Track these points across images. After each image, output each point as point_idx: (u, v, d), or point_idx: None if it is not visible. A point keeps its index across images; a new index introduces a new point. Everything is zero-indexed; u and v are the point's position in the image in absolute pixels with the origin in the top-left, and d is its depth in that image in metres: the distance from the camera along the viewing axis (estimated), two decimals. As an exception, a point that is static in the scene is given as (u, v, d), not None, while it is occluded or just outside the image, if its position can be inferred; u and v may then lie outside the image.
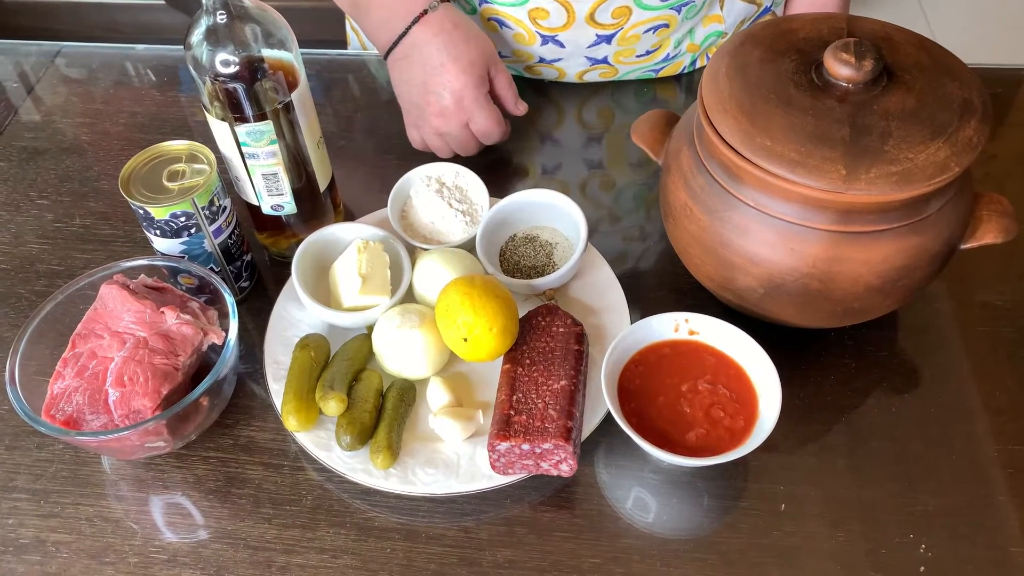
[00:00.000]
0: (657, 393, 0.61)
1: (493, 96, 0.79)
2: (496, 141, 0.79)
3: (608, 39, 0.84)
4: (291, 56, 0.64)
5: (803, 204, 0.56)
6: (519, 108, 0.81)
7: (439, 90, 0.74)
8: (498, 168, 0.84)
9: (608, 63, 0.87)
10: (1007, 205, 0.61)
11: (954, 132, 0.55)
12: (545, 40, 0.85)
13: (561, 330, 0.64)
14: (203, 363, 0.65)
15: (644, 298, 0.72)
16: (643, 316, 0.70)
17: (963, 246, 0.61)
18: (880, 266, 0.57)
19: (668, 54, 0.88)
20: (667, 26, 0.84)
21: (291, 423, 0.61)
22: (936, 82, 0.57)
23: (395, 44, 0.74)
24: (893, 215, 0.56)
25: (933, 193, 0.55)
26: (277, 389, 0.64)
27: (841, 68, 0.56)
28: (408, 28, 0.73)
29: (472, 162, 0.85)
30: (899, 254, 0.57)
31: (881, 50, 0.58)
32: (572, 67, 0.88)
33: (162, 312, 0.62)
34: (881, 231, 0.56)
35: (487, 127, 0.77)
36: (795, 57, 0.59)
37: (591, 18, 0.81)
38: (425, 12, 0.73)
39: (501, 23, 0.85)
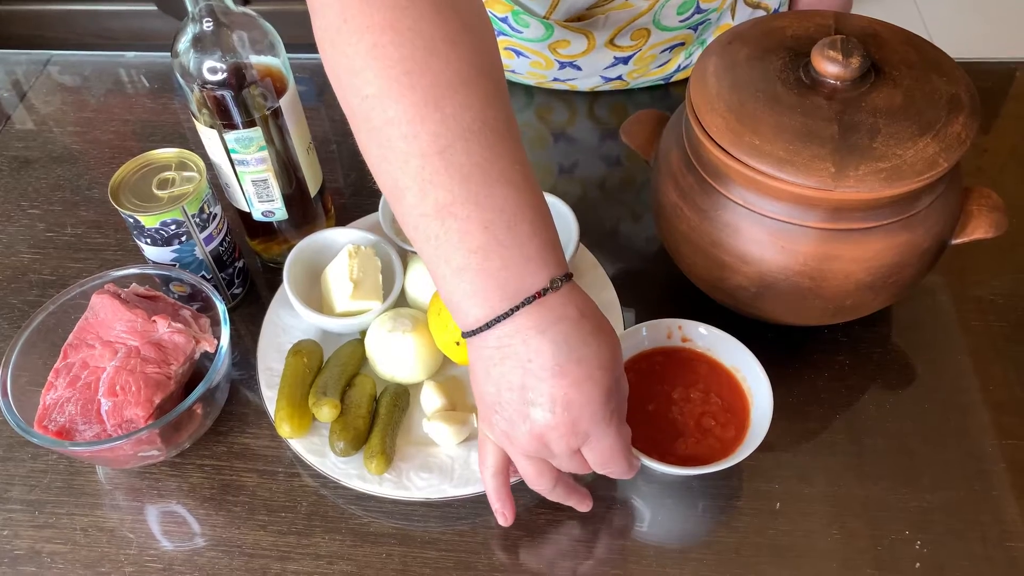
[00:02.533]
0: (648, 401, 0.60)
1: None
2: (619, 476, 0.54)
3: (625, 60, 0.84)
4: (279, 62, 0.64)
5: (792, 202, 0.56)
6: (632, 463, 0.54)
7: (544, 402, 0.48)
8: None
9: (622, 79, 0.88)
10: (997, 199, 0.61)
11: (942, 128, 0.55)
12: (563, 65, 0.85)
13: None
14: (196, 371, 0.65)
15: (637, 298, 0.71)
16: (636, 316, 0.70)
17: (954, 241, 0.61)
18: (871, 263, 0.57)
19: (679, 65, 0.88)
20: (683, 44, 0.84)
21: (285, 430, 0.61)
22: (924, 78, 0.57)
23: (487, 327, 0.47)
24: (883, 212, 0.56)
25: (922, 189, 0.55)
26: (271, 396, 0.64)
27: (828, 65, 0.56)
28: (512, 311, 0.47)
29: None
30: (889, 251, 0.57)
31: (868, 47, 0.58)
32: (585, 84, 0.89)
33: (154, 321, 0.62)
34: (871, 228, 0.56)
35: (608, 454, 0.51)
36: (783, 55, 0.59)
37: (611, 43, 0.82)
38: (543, 292, 0.47)
39: (518, 53, 0.85)
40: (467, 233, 0.46)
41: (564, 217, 0.71)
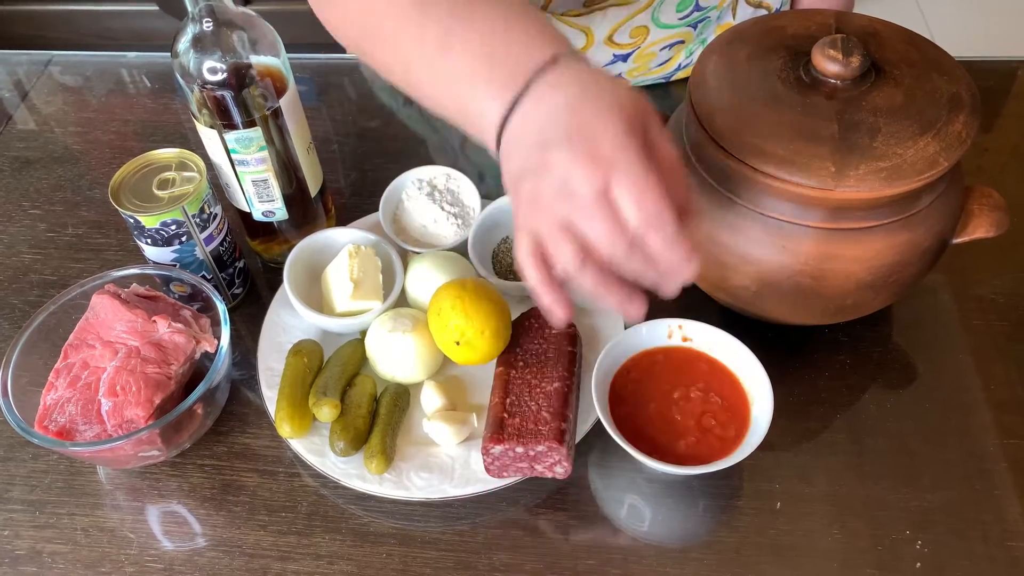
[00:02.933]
0: (648, 400, 0.60)
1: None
2: (663, 227, 0.43)
3: (624, 58, 0.84)
4: (279, 62, 0.64)
5: (793, 202, 0.56)
6: (688, 215, 0.47)
7: (561, 138, 0.44)
8: (491, 170, 0.84)
9: (622, 77, 0.87)
10: (998, 198, 0.61)
11: (943, 127, 0.55)
12: None
13: (554, 332, 0.63)
14: (197, 371, 0.65)
15: (637, 298, 0.71)
16: (636, 316, 0.70)
17: (955, 240, 0.61)
18: (871, 262, 0.57)
19: (680, 64, 0.88)
20: (683, 43, 0.84)
21: (285, 430, 0.61)
22: (924, 77, 0.57)
23: (510, 112, 0.46)
24: (883, 211, 0.55)
25: (923, 188, 0.55)
26: (271, 396, 0.64)
27: (829, 65, 0.56)
28: (527, 86, 0.46)
29: (464, 164, 0.85)
30: (890, 250, 0.57)
31: (869, 46, 0.58)
32: None
33: (154, 321, 0.62)
34: (871, 227, 0.56)
35: (642, 187, 0.43)
36: (783, 54, 0.59)
37: (609, 39, 0.82)
38: (556, 59, 0.46)
39: None
40: (468, 52, 0.49)
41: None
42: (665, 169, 0.45)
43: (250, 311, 0.73)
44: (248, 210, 0.70)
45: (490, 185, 0.82)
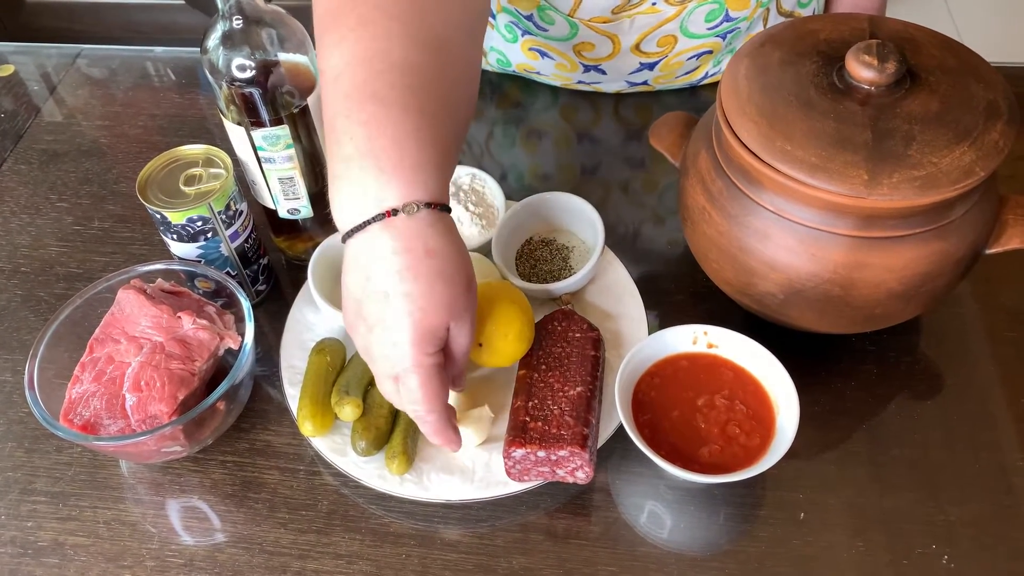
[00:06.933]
0: (672, 407, 0.60)
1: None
2: (426, 423, 0.53)
3: (651, 66, 0.84)
4: (307, 60, 0.64)
5: (824, 209, 0.55)
6: (458, 384, 0.57)
7: (372, 323, 0.50)
8: (515, 171, 0.84)
9: (647, 84, 0.87)
10: (1034, 209, 0.60)
11: (979, 135, 0.54)
12: (587, 69, 0.85)
13: (577, 335, 0.63)
14: (220, 367, 0.65)
15: (662, 302, 0.71)
16: (661, 320, 0.69)
17: (988, 251, 0.60)
18: (903, 272, 0.56)
19: (707, 73, 0.87)
20: (711, 52, 0.83)
21: (307, 428, 0.61)
22: (961, 84, 0.56)
23: (348, 236, 0.50)
24: (916, 220, 0.55)
25: (957, 198, 0.54)
26: (293, 394, 0.64)
27: (863, 70, 0.55)
28: (365, 224, 0.48)
29: (490, 164, 0.84)
30: (922, 260, 0.56)
31: (904, 52, 0.57)
32: (610, 88, 0.88)
33: (179, 317, 0.62)
34: (904, 236, 0.55)
35: (410, 398, 0.51)
36: (816, 59, 0.58)
37: (636, 48, 0.81)
38: (395, 212, 0.47)
39: (543, 53, 0.85)
40: (337, 143, 0.49)
41: (589, 220, 0.70)
42: (451, 358, 0.52)
43: (273, 308, 0.73)
44: (273, 207, 0.70)
45: (514, 186, 0.82)
